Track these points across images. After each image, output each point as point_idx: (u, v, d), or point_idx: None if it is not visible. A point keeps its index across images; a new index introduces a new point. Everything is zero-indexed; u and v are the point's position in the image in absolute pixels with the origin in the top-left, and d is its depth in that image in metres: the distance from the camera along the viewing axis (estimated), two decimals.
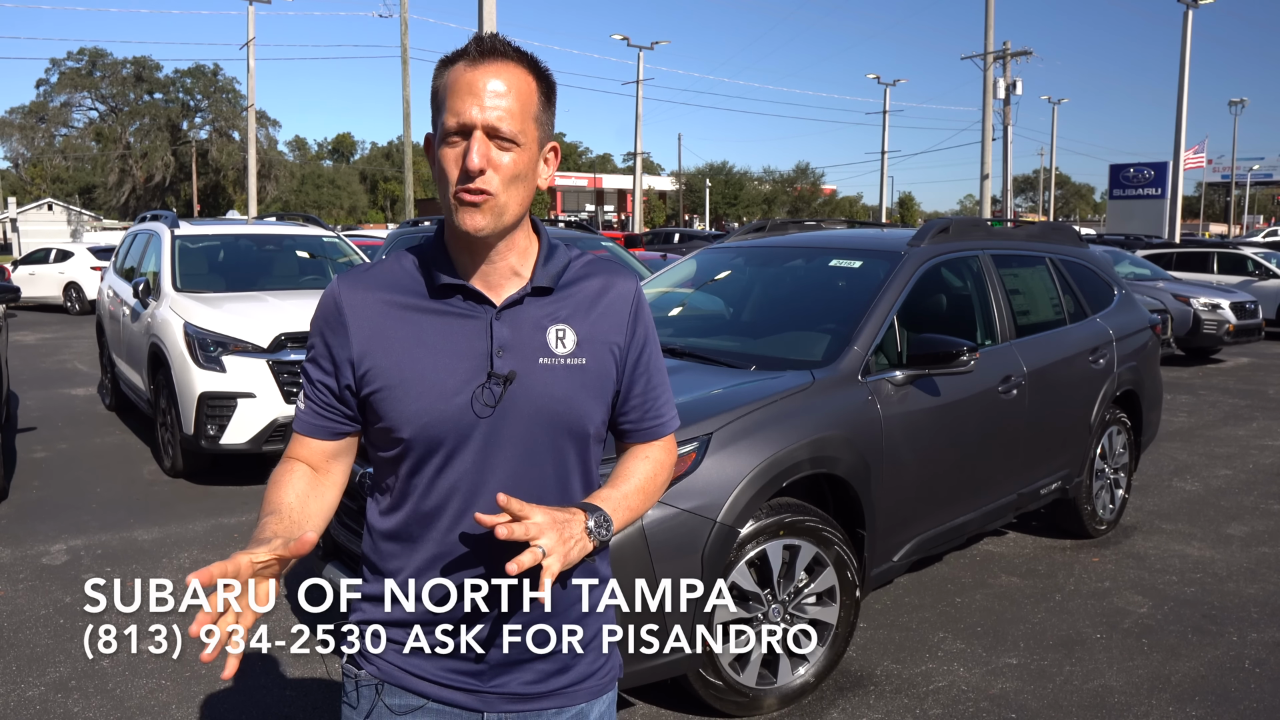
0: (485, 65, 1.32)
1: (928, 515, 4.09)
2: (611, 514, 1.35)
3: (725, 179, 69.97)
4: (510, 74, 1.32)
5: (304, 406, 1.44)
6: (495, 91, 1.31)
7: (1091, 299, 5.55)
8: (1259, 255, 17.18)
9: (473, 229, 1.32)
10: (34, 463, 6.98)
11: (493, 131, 1.30)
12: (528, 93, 1.34)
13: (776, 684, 3.42)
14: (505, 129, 1.31)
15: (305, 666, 3.68)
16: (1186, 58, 31.07)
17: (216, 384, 6.18)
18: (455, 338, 1.37)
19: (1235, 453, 7.75)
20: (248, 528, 5.46)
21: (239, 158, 57.03)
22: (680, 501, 3.08)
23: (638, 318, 1.48)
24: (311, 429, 1.43)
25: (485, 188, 1.31)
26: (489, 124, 1.30)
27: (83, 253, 20.35)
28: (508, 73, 1.32)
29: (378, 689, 1.40)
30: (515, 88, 1.32)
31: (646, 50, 41.82)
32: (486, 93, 1.30)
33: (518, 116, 1.32)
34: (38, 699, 3.49)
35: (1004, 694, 3.59)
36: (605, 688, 1.48)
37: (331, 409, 1.42)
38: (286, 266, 8.20)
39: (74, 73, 60.21)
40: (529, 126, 1.34)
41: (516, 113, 1.32)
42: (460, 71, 1.32)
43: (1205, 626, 4.23)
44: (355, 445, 1.47)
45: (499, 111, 1.30)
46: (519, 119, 1.32)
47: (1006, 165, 34.14)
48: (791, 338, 4.25)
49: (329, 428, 1.42)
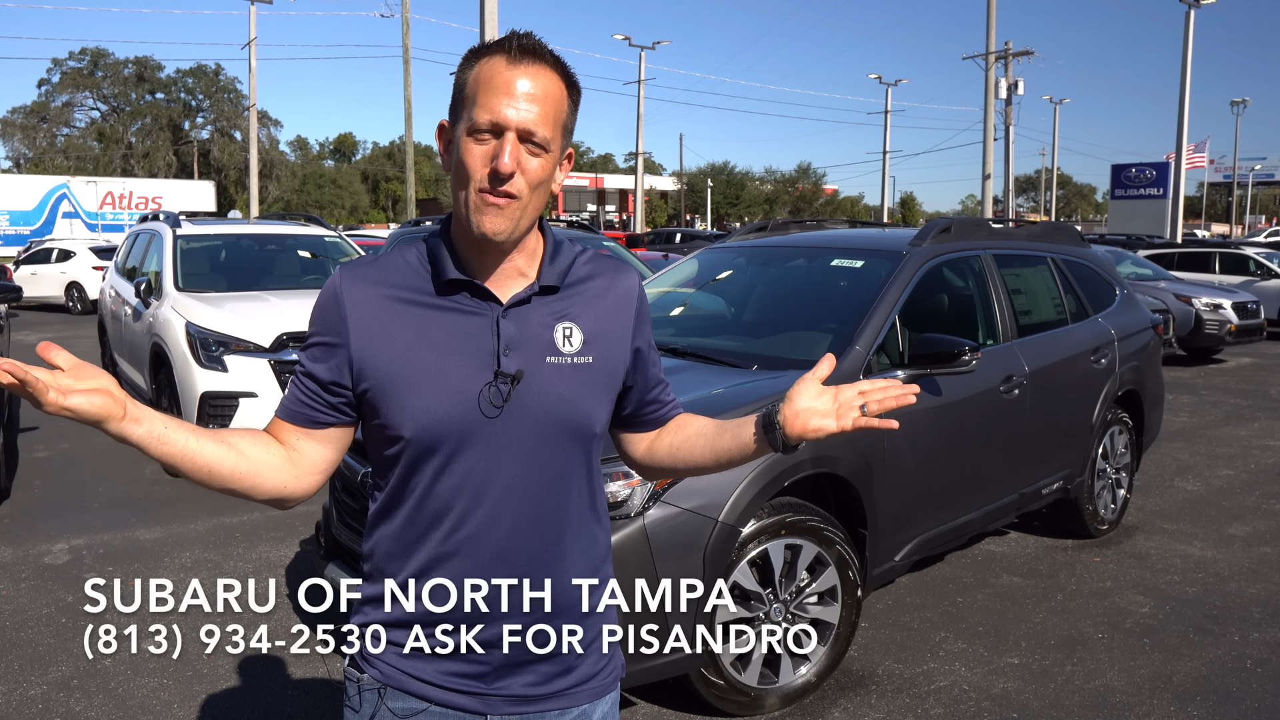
0: (524, 66, 1.30)
1: (929, 515, 4.09)
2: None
3: (727, 179, 69.93)
4: (546, 79, 1.31)
5: (288, 392, 1.42)
6: (532, 95, 1.29)
7: (1093, 299, 5.54)
8: (1261, 255, 17.15)
9: (491, 232, 1.30)
10: (36, 462, 6.98)
11: (526, 135, 1.29)
12: (560, 99, 1.33)
13: (778, 683, 3.42)
14: (539, 135, 1.29)
15: (307, 666, 3.68)
16: (1188, 58, 31.04)
17: (218, 383, 6.19)
18: (460, 335, 1.35)
19: (1237, 453, 7.74)
20: (249, 527, 5.47)
21: (240, 157, 57.09)
22: (682, 501, 3.08)
23: (641, 313, 1.49)
24: (290, 414, 1.40)
25: (513, 191, 1.29)
26: (524, 127, 1.29)
27: (84, 252, 20.36)
28: (545, 77, 1.31)
29: (380, 693, 1.38)
30: (550, 94, 1.31)
31: (648, 50, 41.82)
32: (523, 95, 1.29)
33: (550, 123, 1.31)
34: (40, 698, 3.49)
35: (1005, 694, 3.59)
36: (608, 688, 1.47)
37: (315, 397, 1.39)
38: (288, 266, 8.21)
39: (76, 72, 60.27)
40: (557, 134, 1.33)
41: (550, 119, 1.31)
42: (497, 67, 1.30)
43: (1207, 626, 4.23)
44: (334, 440, 1.42)
45: (534, 116, 1.29)
46: (550, 126, 1.31)
47: (1008, 165, 34.13)
48: (793, 337, 4.25)
49: (309, 416, 1.40)
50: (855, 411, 1.37)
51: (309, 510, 5.68)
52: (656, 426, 1.58)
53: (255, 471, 1.34)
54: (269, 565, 4.88)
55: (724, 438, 1.50)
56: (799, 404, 1.40)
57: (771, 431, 1.42)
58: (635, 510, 3.01)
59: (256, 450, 1.35)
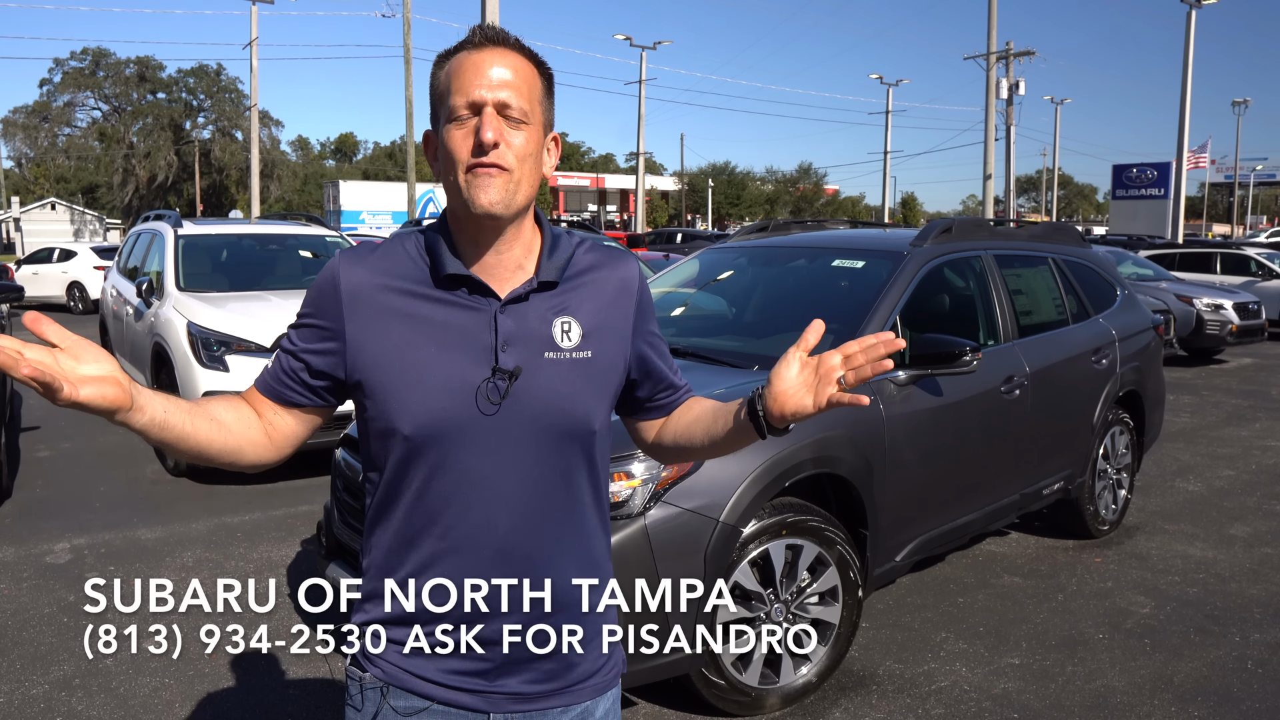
0: (489, 51, 1.33)
1: (930, 515, 4.08)
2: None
3: (728, 179, 69.91)
4: (513, 60, 1.33)
5: (270, 365, 1.41)
6: (502, 73, 1.31)
7: (1094, 299, 5.54)
8: (1262, 256, 17.14)
9: (487, 204, 1.30)
10: (37, 462, 6.99)
11: (502, 108, 1.30)
12: (531, 77, 1.35)
13: (779, 684, 3.42)
14: (515, 106, 1.31)
15: (307, 666, 3.68)
16: (1190, 58, 31.03)
17: (220, 383, 6.19)
18: (458, 330, 1.34)
19: (1238, 453, 7.74)
20: (250, 526, 5.47)
21: (242, 157, 57.07)
22: (683, 501, 3.07)
23: (642, 302, 1.48)
24: (269, 390, 1.40)
25: (499, 161, 1.30)
26: (500, 100, 1.30)
27: (86, 252, 20.39)
28: (511, 58, 1.33)
29: (383, 691, 1.38)
30: (519, 71, 1.33)
31: (649, 50, 41.85)
32: (494, 74, 1.31)
33: (525, 96, 1.32)
34: (41, 697, 3.49)
35: (1006, 694, 3.59)
36: (609, 684, 1.47)
37: (295, 379, 1.38)
38: (289, 266, 8.21)
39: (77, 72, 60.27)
40: (535, 108, 1.34)
41: (524, 92, 1.32)
42: (464, 58, 1.33)
43: (1208, 627, 4.23)
44: (308, 421, 1.42)
45: (508, 90, 1.31)
46: (526, 99, 1.33)
47: (1009, 165, 34.12)
48: (794, 337, 4.22)
49: (286, 396, 1.39)
50: (833, 386, 1.34)
51: (310, 510, 5.69)
52: (666, 413, 1.59)
53: (239, 448, 1.36)
54: (270, 565, 4.88)
55: (717, 424, 1.50)
56: (779, 384, 1.39)
57: (755, 418, 1.41)
58: (636, 510, 3.01)
59: (241, 425, 1.37)
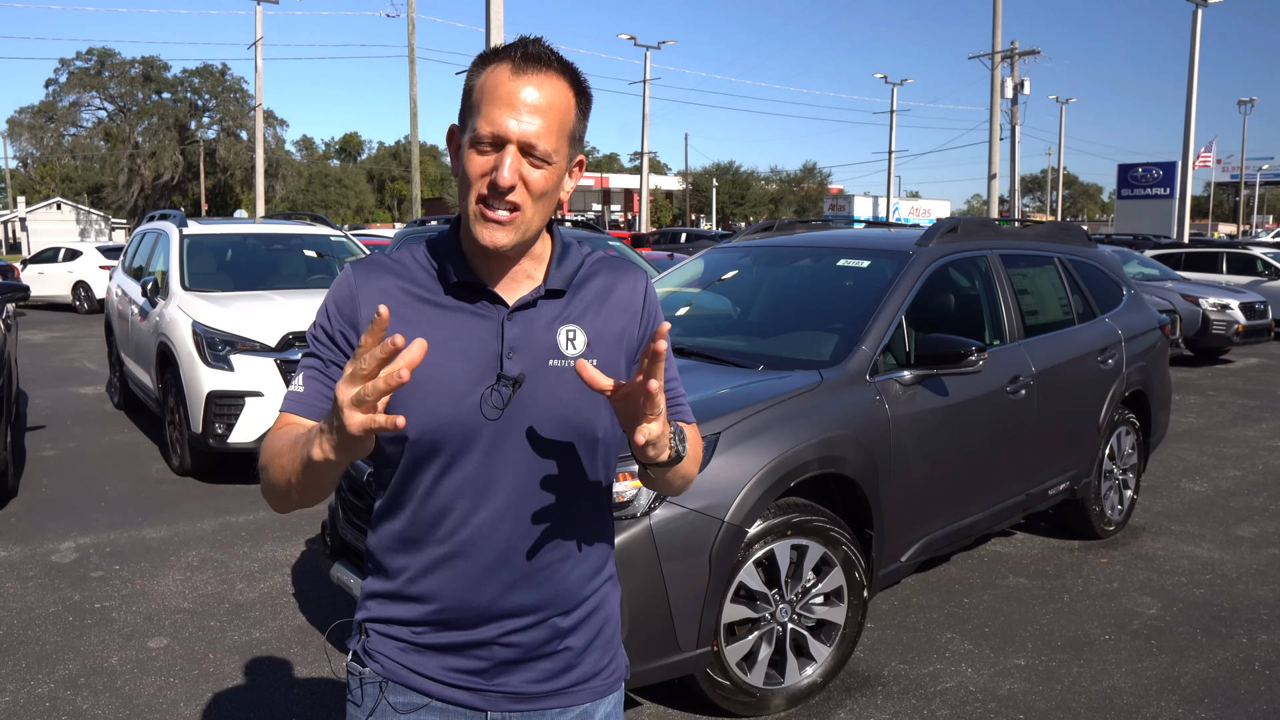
0: (529, 75, 1.28)
1: (936, 516, 4.08)
2: (684, 439, 1.33)
3: (732, 178, 69.89)
4: (552, 88, 1.29)
5: (302, 388, 1.36)
6: (535, 107, 1.27)
7: (1100, 299, 5.53)
8: (1268, 255, 17.09)
9: (491, 245, 1.30)
10: (43, 461, 7.01)
11: (527, 149, 1.27)
12: (566, 109, 1.31)
13: (784, 684, 3.41)
14: (540, 148, 1.27)
15: (312, 665, 3.68)
16: (1195, 57, 30.97)
17: (225, 383, 6.20)
18: (466, 337, 1.35)
19: (1244, 454, 7.72)
20: (255, 526, 5.48)
21: (246, 157, 57.21)
22: (688, 501, 3.07)
23: (648, 313, 1.47)
24: (311, 411, 1.34)
25: (515, 202, 1.28)
26: (525, 140, 1.27)
27: (91, 252, 20.44)
28: (550, 86, 1.29)
29: (382, 687, 1.39)
30: (554, 105, 1.29)
31: (653, 50, 41.82)
32: (526, 107, 1.26)
33: (553, 135, 1.29)
34: (47, 696, 3.50)
35: (1012, 695, 3.58)
36: (610, 688, 1.47)
37: (332, 390, 1.34)
38: (294, 266, 8.22)
39: (83, 72, 60.47)
40: (562, 145, 1.31)
41: (553, 131, 1.29)
42: (502, 76, 1.28)
43: (1214, 628, 4.22)
44: None
45: (536, 129, 1.27)
46: (554, 137, 1.29)
47: (1014, 165, 34.03)
48: (799, 337, 4.25)
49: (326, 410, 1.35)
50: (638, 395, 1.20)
51: (315, 510, 5.69)
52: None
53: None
54: (275, 564, 4.88)
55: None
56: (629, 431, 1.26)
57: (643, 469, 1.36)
58: (641, 510, 3.01)
59: None
